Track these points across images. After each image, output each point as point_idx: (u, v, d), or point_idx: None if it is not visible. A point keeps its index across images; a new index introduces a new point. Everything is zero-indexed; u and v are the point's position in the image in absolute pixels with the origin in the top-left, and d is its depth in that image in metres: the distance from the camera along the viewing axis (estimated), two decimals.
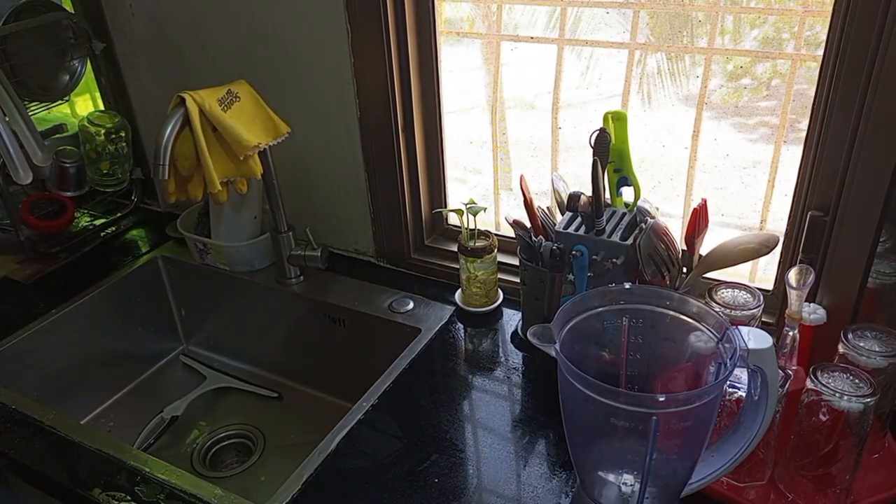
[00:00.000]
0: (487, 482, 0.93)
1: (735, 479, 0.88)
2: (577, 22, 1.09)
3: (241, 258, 1.39)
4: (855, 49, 0.85)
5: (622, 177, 1.03)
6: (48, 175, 1.53)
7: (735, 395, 0.83)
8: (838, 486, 0.84)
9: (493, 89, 1.25)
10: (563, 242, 0.99)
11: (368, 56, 1.19)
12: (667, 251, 0.98)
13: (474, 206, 1.17)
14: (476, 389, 1.09)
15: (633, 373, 0.81)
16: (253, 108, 1.17)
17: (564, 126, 1.19)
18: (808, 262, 0.97)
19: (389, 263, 1.40)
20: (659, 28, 1.04)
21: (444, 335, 1.21)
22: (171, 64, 1.43)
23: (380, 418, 1.04)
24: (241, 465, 1.28)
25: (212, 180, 1.14)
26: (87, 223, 1.59)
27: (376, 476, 0.94)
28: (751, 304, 0.90)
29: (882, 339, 0.84)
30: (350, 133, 1.29)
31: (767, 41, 0.98)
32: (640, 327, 0.78)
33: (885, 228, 0.90)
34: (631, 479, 0.76)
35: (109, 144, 1.51)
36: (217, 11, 1.30)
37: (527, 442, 0.99)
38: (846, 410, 0.78)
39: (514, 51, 1.17)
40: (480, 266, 1.19)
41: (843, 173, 0.90)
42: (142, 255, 1.50)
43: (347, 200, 1.38)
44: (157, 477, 0.96)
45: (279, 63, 1.29)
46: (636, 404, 0.66)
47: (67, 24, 1.47)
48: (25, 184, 1.30)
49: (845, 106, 0.88)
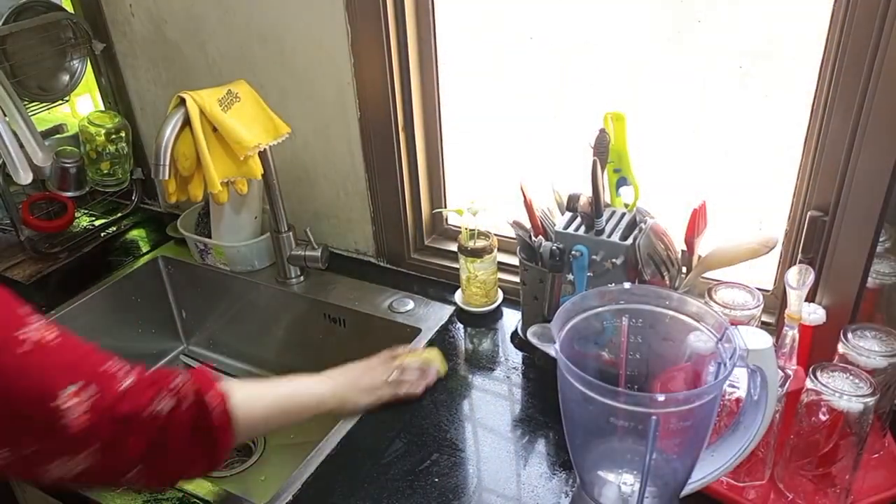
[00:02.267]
0: (487, 482, 0.93)
1: (735, 478, 0.88)
2: (578, 22, 1.09)
3: (241, 258, 1.39)
4: (855, 49, 0.85)
5: (621, 177, 1.03)
6: (48, 175, 1.53)
7: (734, 395, 0.83)
8: (838, 485, 0.84)
9: (493, 88, 1.25)
10: (563, 242, 0.99)
11: (368, 56, 1.19)
12: (666, 251, 0.98)
13: (474, 206, 1.17)
14: (476, 389, 1.09)
15: (633, 372, 0.81)
16: (253, 109, 1.17)
17: (564, 126, 1.19)
18: (807, 261, 0.97)
19: (389, 263, 1.40)
20: (659, 27, 1.04)
21: (444, 335, 1.21)
22: (171, 64, 1.43)
23: (380, 418, 1.04)
24: (241, 465, 1.28)
25: (212, 180, 1.14)
26: (88, 223, 1.59)
27: (376, 476, 0.94)
28: (750, 303, 0.90)
29: (881, 338, 0.84)
30: (350, 133, 1.29)
31: (768, 40, 0.98)
32: (639, 327, 0.78)
33: (884, 228, 0.90)
34: (631, 479, 0.76)
35: (109, 144, 1.51)
36: (217, 11, 1.30)
37: (527, 442, 0.99)
38: (846, 410, 0.78)
39: (514, 51, 1.17)
40: (480, 266, 1.19)
41: (843, 173, 0.90)
42: (142, 255, 1.50)
43: (347, 200, 1.38)
44: None
45: (279, 63, 1.29)
46: (636, 404, 0.66)
47: (67, 24, 1.47)
48: (25, 184, 1.30)
49: (845, 106, 0.88)
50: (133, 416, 0.67)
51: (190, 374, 0.75)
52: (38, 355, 0.62)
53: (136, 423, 0.67)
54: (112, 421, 0.65)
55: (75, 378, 0.64)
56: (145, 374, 0.70)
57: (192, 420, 0.72)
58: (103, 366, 0.67)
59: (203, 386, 0.73)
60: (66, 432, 0.63)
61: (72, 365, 0.65)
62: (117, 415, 0.65)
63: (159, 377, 0.71)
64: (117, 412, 0.65)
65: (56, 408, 0.62)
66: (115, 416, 0.65)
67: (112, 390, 0.66)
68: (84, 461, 0.65)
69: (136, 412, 0.67)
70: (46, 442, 0.63)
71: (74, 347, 0.66)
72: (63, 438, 0.63)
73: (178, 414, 0.70)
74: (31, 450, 0.63)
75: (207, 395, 0.73)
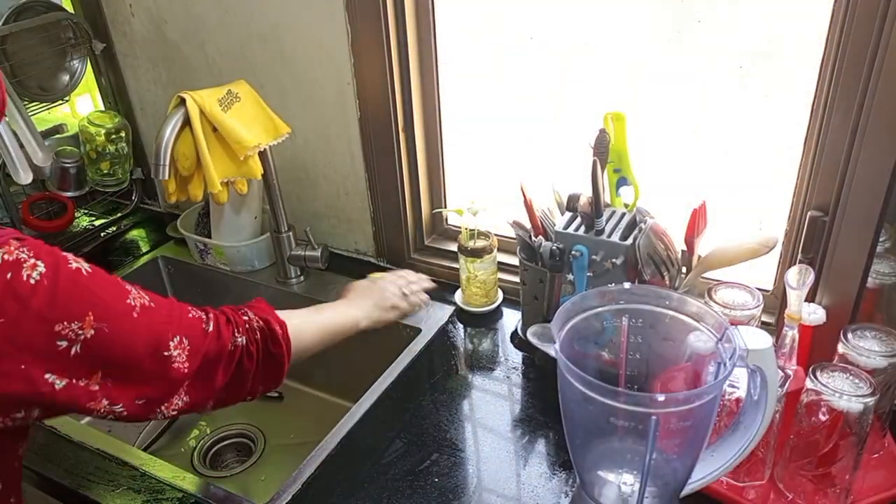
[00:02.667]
0: (487, 482, 0.93)
1: (735, 478, 0.88)
2: (578, 22, 1.09)
3: (241, 258, 1.39)
4: (855, 49, 0.85)
5: (621, 177, 1.03)
6: (48, 175, 1.53)
7: (734, 395, 0.83)
8: (838, 485, 0.84)
9: (493, 89, 1.25)
10: (563, 242, 0.99)
11: (368, 56, 1.19)
12: (666, 251, 0.98)
13: (474, 206, 1.17)
14: (476, 389, 1.09)
15: (633, 372, 0.81)
16: (253, 109, 1.17)
17: (564, 126, 1.19)
18: (807, 261, 0.97)
19: (389, 263, 1.40)
20: (659, 28, 1.04)
21: (444, 335, 1.21)
22: (171, 64, 1.43)
23: (380, 418, 1.04)
24: (241, 465, 1.28)
25: (212, 180, 1.14)
26: (88, 223, 1.59)
27: (376, 476, 0.94)
28: (750, 303, 0.90)
29: (881, 338, 0.84)
30: (350, 133, 1.29)
31: (768, 40, 0.98)
32: (639, 327, 0.78)
33: (884, 228, 0.90)
34: (631, 479, 0.76)
35: (109, 144, 1.51)
36: (217, 11, 1.30)
37: (527, 442, 0.99)
38: (846, 410, 0.78)
39: (514, 51, 1.17)
40: (480, 266, 1.19)
41: (843, 173, 0.90)
42: (142, 255, 1.50)
43: (347, 200, 1.38)
44: (158, 477, 0.97)
45: (279, 63, 1.29)
46: (636, 404, 0.66)
47: (67, 24, 1.47)
48: (25, 184, 1.30)
49: (845, 106, 0.88)
50: (219, 353, 0.78)
51: (255, 307, 0.87)
52: (146, 316, 0.72)
53: (222, 358, 0.79)
54: (205, 360, 0.76)
55: (175, 330, 0.74)
56: (221, 316, 0.81)
57: (264, 348, 0.83)
58: (188, 315, 0.78)
59: (269, 317, 0.86)
60: (174, 374, 0.74)
61: (168, 319, 0.75)
62: (209, 354, 0.77)
63: (234, 315, 0.83)
64: (209, 352, 0.77)
65: (168, 357, 0.73)
66: (207, 355, 0.77)
67: (200, 335, 0.77)
68: (182, 397, 0.76)
69: (221, 350, 0.78)
70: (158, 386, 0.73)
71: (163, 304, 0.76)
72: (171, 380, 0.74)
73: (253, 344, 0.82)
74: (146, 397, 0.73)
75: (272, 324, 0.85)
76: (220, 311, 0.82)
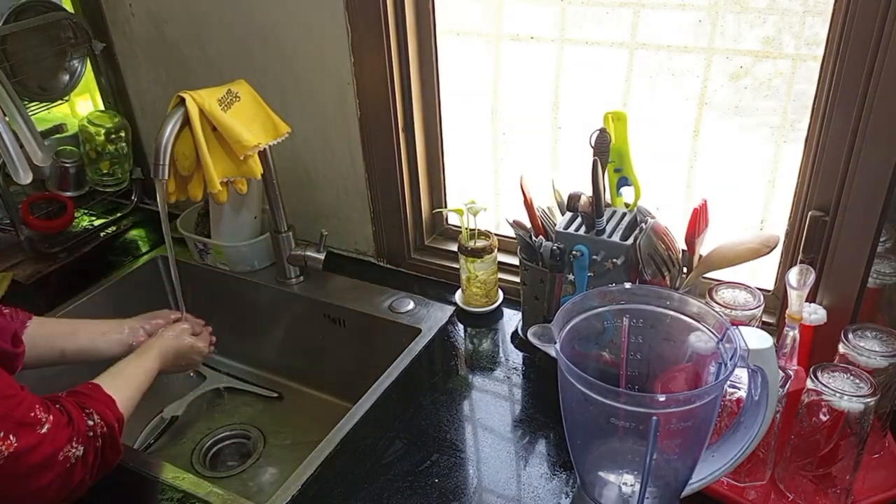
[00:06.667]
0: (487, 482, 0.93)
1: (735, 478, 0.88)
2: (578, 21, 1.09)
3: (241, 258, 1.39)
4: (855, 49, 0.85)
5: (622, 177, 1.03)
6: (48, 175, 1.53)
7: (735, 395, 0.83)
8: (838, 486, 0.84)
9: (493, 89, 1.25)
10: (563, 242, 0.99)
11: (368, 56, 1.19)
12: (667, 251, 0.98)
13: (474, 206, 1.17)
14: (476, 389, 1.09)
15: (634, 373, 0.81)
16: (253, 108, 1.17)
17: (565, 126, 1.19)
18: (808, 262, 0.97)
19: (389, 263, 1.40)
20: (659, 28, 1.04)
21: (444, 335, 1.21)
22: (171, 64, 1.43)
23: (380, 418, 1.04)
24: (241, 465, 1.28)
25: (212, 180, 1.14)
26: (87, 223, 1.59)
27: (376, 476, 0.94)
28: (751, 304, 0.90)
29: (882, 338, 0.84)
30: (350, 133, 1.29)
31: (768, 41, 0.98)
32: (640, 327, 0.78)
33: (885, 228, 0.90)
34: (631, 480, 0.76)
35: (109, 144, 1.51)
36: (217, 11, 1.30)
37: (527, 442, 0.99)
38: (846, 410, 0.78)
39: (514, 51, 1.17)
40: (480, 266, 1.19)
41: (844, 173, 0.90)
42: (142, 255, 1.50)
43: (347, 200, 1.38)
44: (158, 477, 0.96)
45: (279, 63, 1.29)
46: (636, 404, 0.66)
47: (67, 24, 1.47)
48: (25, 184, 1.30)
49: (845, 106, 0.88)
50: (48, 458, 0.76)
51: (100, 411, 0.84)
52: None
53: (50, 464, 0.76)
54: (27, 465, 0.74)
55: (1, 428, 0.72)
56: (61, 416, 0.79)
57: (101, 456, 0.83)
58: (26, 414, 0.75)
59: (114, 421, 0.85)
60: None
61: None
62: (34, 459, 0.74)
63: (75, 417, 0.80)
64: (33, 458, 0.74)
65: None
66: (31, 461, 0.74)
67: (30, 438, 0.74)
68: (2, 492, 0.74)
69: (52, 455, 0.76)
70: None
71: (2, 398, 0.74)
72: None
73: (91, 454, 0.81)
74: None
75: (115, 430, 0.84)
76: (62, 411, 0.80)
